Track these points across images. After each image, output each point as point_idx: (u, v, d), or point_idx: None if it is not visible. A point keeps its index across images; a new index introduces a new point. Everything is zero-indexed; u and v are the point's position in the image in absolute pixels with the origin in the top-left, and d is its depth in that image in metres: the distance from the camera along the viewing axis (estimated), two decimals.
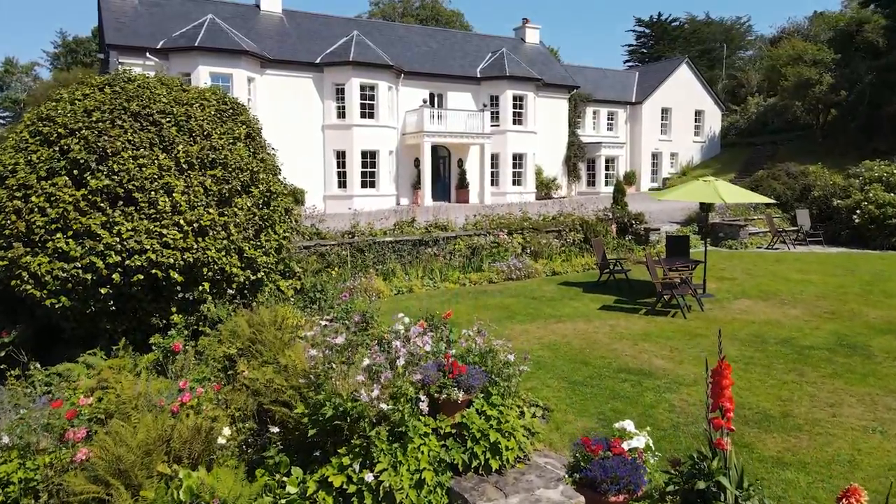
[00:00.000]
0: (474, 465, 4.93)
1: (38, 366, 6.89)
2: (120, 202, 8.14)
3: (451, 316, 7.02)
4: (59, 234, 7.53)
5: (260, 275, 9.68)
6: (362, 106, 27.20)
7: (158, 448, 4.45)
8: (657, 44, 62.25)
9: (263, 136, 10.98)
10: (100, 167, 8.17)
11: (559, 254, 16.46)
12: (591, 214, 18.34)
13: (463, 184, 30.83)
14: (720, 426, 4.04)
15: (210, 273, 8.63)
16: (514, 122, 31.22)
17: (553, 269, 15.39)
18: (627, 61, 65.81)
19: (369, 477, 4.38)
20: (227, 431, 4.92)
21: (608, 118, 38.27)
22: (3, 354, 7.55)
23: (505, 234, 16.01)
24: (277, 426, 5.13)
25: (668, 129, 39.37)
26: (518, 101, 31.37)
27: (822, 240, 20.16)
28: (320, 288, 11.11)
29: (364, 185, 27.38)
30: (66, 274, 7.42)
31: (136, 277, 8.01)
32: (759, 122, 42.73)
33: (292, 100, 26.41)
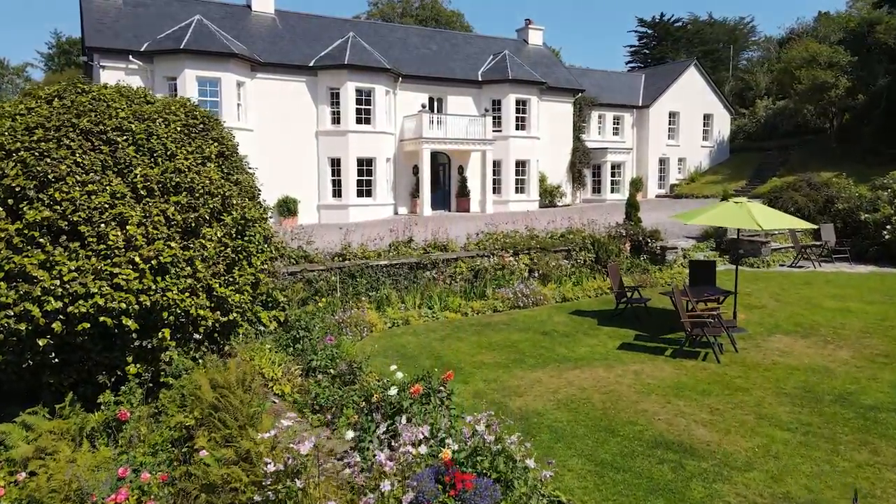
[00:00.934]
0: None
1: None
2: (63, 237, 7.06)
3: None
4: None
5: (232, 316, 8.43)
6: (358, 111, 25.86)
7: None
8: (660, 44, 60.90)
9: (240, 153, 9.74)
10: (39, 195, 7.00)
11: (569, 276, 15.16)
12: (602, 230, 17.03)
13: (464, 192, 29.51)
14: None
15: (172, 318, 7.44)
16: (517, 128, 29.87)
17: (563, 294, 14.07)
18: (630, 62, 64.57)
19: None
20: None
21: (614, 122, 36.93)
22: None
23: (510, 255, 14.70)
24: None
25: (676, 134, 38.06)
26: (521, 106, 30.03)
27: (848, 256, 18.83)
28: (304, 325, 9.86)
29: (360, 193, 26.06)
30: None
31: (82, 326, 6.87)
32: (769, 126, 41.39)
33: (285, 105, 25.07)
